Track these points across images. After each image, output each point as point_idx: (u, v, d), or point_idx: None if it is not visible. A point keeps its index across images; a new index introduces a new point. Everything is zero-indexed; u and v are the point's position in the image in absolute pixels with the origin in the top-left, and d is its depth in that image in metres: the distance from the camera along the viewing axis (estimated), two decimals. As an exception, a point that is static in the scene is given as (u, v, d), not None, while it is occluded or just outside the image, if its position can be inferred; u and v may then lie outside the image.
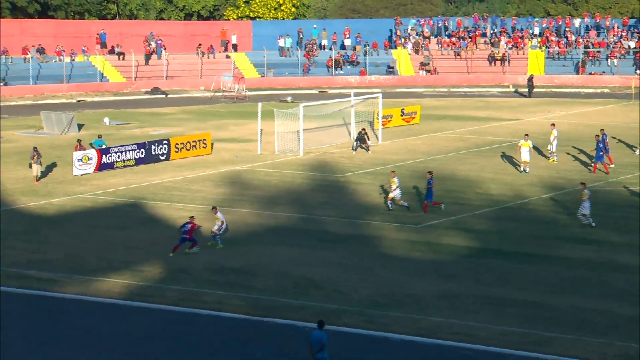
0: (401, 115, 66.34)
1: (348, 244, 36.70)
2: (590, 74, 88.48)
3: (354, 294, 31.15)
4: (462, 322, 28.35)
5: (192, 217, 35.88)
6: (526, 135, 50.05)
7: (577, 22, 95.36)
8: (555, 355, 25.85)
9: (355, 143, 55.75)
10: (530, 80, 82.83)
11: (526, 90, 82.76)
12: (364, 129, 56.65)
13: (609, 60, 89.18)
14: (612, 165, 49.52)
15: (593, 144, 50.62)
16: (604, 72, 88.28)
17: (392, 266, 34.18)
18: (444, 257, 35.36)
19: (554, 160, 51.24)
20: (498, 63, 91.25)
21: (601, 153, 48.39)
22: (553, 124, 53.48)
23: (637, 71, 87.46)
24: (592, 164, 49.33)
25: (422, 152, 55.61)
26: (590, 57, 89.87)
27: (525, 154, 48.56)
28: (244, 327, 28.27)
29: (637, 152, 53.14)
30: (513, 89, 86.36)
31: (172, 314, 29.21)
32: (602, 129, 50.89)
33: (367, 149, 55.31)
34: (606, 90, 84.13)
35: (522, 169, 48.86)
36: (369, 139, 55.99)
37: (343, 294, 31.16)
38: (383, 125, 60.58)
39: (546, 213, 41.45)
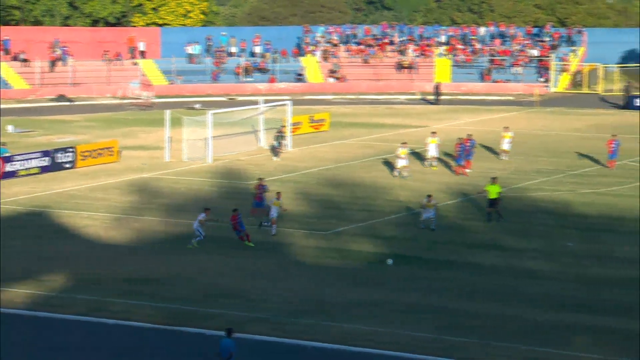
0: (310, 123, 66.40)
1: (258, 251, 36.50)
2: (495, 81, 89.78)
3: (264, 302, 30.98)
4: (373, 329, 28.39)
5: (235, 209, 37.03)
6: (404, 142, 50.65)
7: (482, 30, 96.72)
8: (465, 360, 26.11)
9: (275, 143, 55.89)
10: (437, 87, 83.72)
11: (433, 97, 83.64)
12: (283, 127, 56.75)
13: (514, 68, 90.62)
14: (469, 171, 50.61)
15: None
16: (508, 80, 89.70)
17: (302, 273, 34.12)
18: (354, 263, 35.43)
19: (435, 168, 51.94)
20: (406, 71, 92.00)
21: (462, 156, 50.14)
22: (434, 132, 54.23)
23: (540, 79, 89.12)
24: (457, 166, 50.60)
25: (331, 160, 55.70)
26: (495, 65, 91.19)
27: (401, 160, 49.51)
28: (153, 336, 27.88)
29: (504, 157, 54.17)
30: (420, 96, 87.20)
31: (79, 324, 28.64)
32: (470, 134, 52.07)
33: (280, 152, 55.39)
34: (511, 98, 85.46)
35: (396, 173, 49.61)
36: (284, 140, 56.10)
37: (253, 301, 30.96)
38: (292, 132, 60.53)
39: (454, 219, 41.86)
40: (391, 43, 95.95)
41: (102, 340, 27.47)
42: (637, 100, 77.71)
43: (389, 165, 53.28)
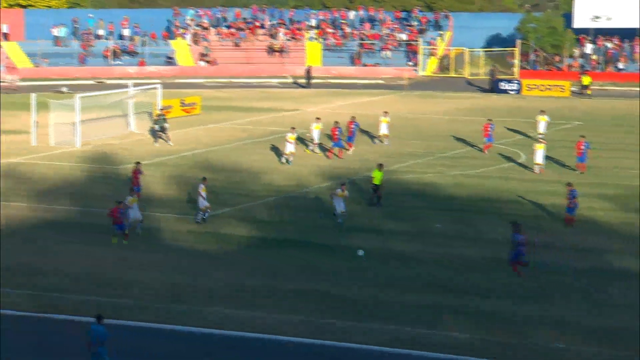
0: (181, 106, 65.81)
1: (131, 237, 36.01)
2: (365, 65, 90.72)
3: (137, 287, 30.63)
4: (248, 313, 28.41)
5: (119, 202, 35.14)
6: (292, 128, 50.51)
7: (352, 14, 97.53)
8: (338, 342, 26.28)
9: (155, 127, 55.11)
10: (308, 71, 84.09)
11: (305, 81, 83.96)
12: (161, 111, 56.03)
13: (383, 52, 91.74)
14: (350, 152, 51.30)
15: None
16: (378, 64, 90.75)
17: (176, 258, 33.85)
18: (229, 248, 35.33)
19: (312, 152, 52.01)
20: (277, 54, 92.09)
21: (340, 140, 50.49)
22: (318, 118, 54.09)
23: (409, 63, 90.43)
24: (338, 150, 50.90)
25: (204, 143, 55.37)
26: (365, 49, 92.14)
27: (289, 145, 49.08)
28: (23, 324, 27.27)
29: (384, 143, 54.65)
30: (292, 80, 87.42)
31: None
32: (353, 117, 52.63)
33: (167, 140, 54.66)
34: (381, 82, 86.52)
35: (285, 159, 49.39)
36: (167, 123, 55.35)
37: (127, 288, 30.58)
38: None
39: (328, 202, 42.07)
40: (262, 26, 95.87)
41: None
42: (502, 83, 79.68)
43: (265, 148, 53.29)
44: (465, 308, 29.01)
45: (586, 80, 75.58)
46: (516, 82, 79.83)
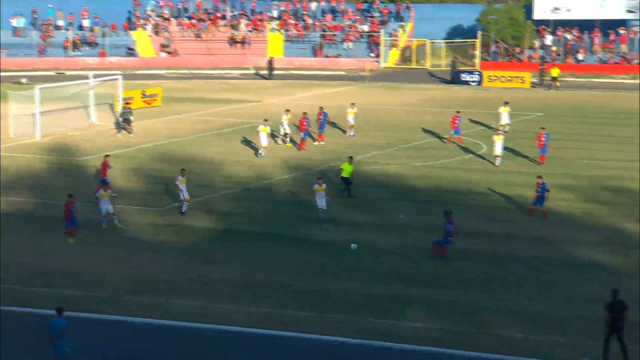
0: (142, 97, 65.39)
1: (92, 229, 35.75)
2: (327, 56, 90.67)
3: (99, 280, 30.43)
4: (211, 305, 28.31)
5: (69, 195, 34.51)
6: (265, 120, 50.48)
7: (313, 5, 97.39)
8: (302, 333, 26.26)
9: (120, 120, 54.69)
10: (270, 62, 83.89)
11: (267, 72, 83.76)
12: (127, 103, 55.59)
13: (345, 43, 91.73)
14: (321, 143, 51.53)
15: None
16: (340, 55, 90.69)
17: (137, 251, 33.65)
18: (190, 239, 35.18)
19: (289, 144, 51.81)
20: (239, 45, 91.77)
21: (307, 131, 50.64)
22: (288, 110, 53.98)
23: (371, 54, 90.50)
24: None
25: (165, 135, 55.06)
26: (326, 40, 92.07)
27: (264, 138, 48.88)
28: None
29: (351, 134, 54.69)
30: (254, 71, 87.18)
31: None
32: (321, 107, 52.66)
33: (130, 132, 54.27)
34: (343, 73, 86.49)
35: (260, 152, 49.07)
36: (132, 115, 54.95)
37: (88, 280, 30.37)
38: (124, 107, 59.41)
39: (289, 193, 42.10)
40: (223, 17, 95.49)
41: None
42: (464, 75, 79.97)
43: (227, 140, 53.12)
44: (429, 299, 29.09)
45: (555, 72, 75.77)
46: (477, 73, 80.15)
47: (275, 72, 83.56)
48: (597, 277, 30.83)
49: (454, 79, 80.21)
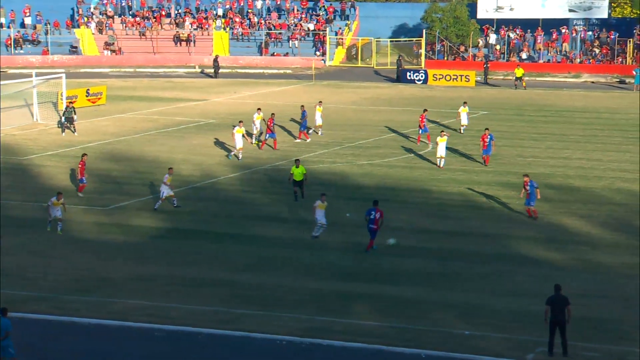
0: (86, 96, 64.83)
1: (36, 228, 35.43)
2: (273, 54, 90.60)
3: (42, 280, 30.17)
4: (155, 303, 28.21)
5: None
6: (240, 121, 49.35)
7: (259, 4, 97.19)
8: (248, 332, 26.25)
9: (62, 119, 54.10)
10: (215, 60, 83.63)
11: (212, 70, 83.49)
12: (71, 102, 54.96)
13: (290, 41, 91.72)
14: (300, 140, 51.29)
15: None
16: (286, 54, 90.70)
17: (82, 250, 33.41)
18: (136, 239, 35.00)
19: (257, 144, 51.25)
20: (184, 44, 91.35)
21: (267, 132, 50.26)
22: (259, 108, 53.67)
23: (317, 53, 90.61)
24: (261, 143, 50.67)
25: (110, 134, 54.66)
26: (272, 39, 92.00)
27: (239, 140, 47.55)
28: None
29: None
30: (199, 70, 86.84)
31: None
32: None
33: (74, 130, 53.73)
34: (289, 71, 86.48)
35: (233, 153, 48.21)
36: (75, 114, 54.36)
37: (32, 280, 30.09)
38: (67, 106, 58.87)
39: (236, 192, 42.04)
40: (168, 15, 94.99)
41: None
42: (409, 73, 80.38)
43: (172, 139, 52.88)
44: (375, 295, 29.24)
45: (519, 72, 75.90)
46: (423, 72, 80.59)
47: (221, 70, 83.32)
48: (540, 273, 31.20)
49: (400, 77, 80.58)
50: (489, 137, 46.65)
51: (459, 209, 39.26)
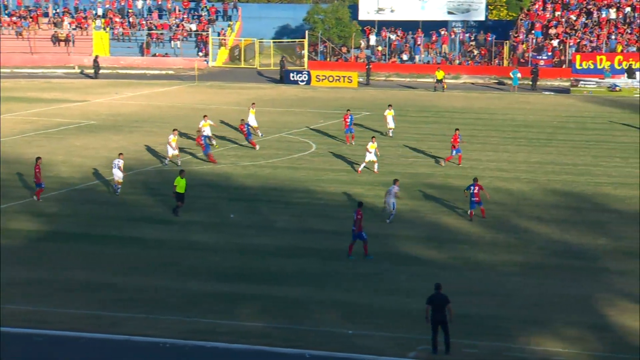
0: (-38, 97, 63.14)
1: None
2: (155, 55, 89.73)
3: None
4: (34, 308, 27.67)
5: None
6: (174, 130, 47.53)
7: (139, 4, 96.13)
8: (127, 335, 25.94)
9: None
10: (95, 61, 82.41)
11: (92, 71, 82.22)
12: None
13: (172, 42, 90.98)
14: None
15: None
16: (168, 54, 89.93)
17: (-42, 255, 32.50)
18: (14, 242, 34.23)
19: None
20: (62, 44, 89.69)
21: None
22: (205, 115, 52.47)
23: (200, 53, 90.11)
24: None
25: (-14, 135, 53.34)
26: (154, 39, 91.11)
27: (171, 149, 46.04)
28: None
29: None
30: (79, 70, 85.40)
31: None
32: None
33: None
34: (171, 72, 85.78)
35: (170, 162, 46.43)
36: None
37: None
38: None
39: (117, 194, 41.44)
40: (45, 15, 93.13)
41: None
42: (292, 74, 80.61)
43: (51, 140, 51.89)
44: (261, 296, 29.25)
45: (440, 74, 76.35)
46: (306, 72, 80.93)
47: (102, 71, 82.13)
48: (421, 272, 31.65)
49: (283, 78, 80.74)
50: (459, 136, 47.32)
51: (342, 209, 39.54)
